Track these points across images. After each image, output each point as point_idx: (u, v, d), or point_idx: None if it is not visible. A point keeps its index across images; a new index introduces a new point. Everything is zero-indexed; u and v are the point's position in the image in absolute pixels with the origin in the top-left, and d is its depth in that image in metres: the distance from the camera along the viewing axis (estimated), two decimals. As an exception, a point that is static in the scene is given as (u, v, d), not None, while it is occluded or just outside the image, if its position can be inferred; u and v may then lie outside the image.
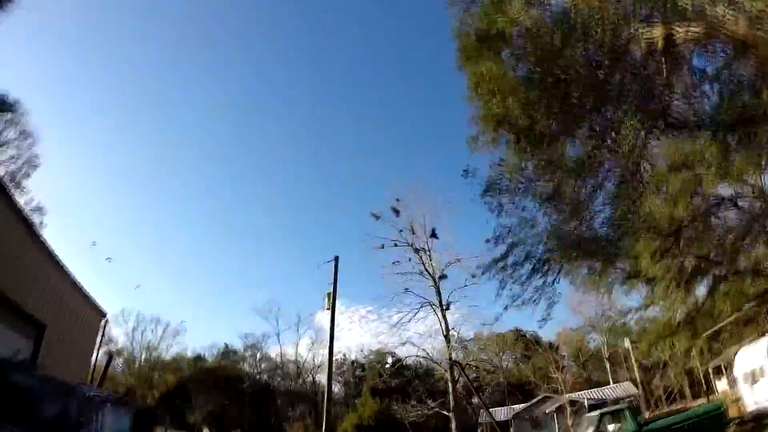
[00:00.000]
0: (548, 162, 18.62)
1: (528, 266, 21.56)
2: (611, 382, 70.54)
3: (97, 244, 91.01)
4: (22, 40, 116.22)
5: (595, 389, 62.14)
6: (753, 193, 20.81)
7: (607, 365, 76.02)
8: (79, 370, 24.11)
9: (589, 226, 20.23)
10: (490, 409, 67.00)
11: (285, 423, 76.49)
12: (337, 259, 26.32)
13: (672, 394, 56.64)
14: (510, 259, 21.66)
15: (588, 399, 53.59)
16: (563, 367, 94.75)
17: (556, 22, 15.09)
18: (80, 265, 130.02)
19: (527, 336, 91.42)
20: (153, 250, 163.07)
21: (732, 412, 24.48)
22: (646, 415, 50.15)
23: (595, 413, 19.85)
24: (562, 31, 14.80)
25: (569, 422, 52.48)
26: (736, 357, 23.71)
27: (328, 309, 25.15)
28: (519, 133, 17.72)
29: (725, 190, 21.07)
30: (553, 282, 21.86)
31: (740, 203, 21.91)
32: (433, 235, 42.12)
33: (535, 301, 21.79)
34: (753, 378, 21.83)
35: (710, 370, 50.40)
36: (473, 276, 36.56)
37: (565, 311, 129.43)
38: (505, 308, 22.50)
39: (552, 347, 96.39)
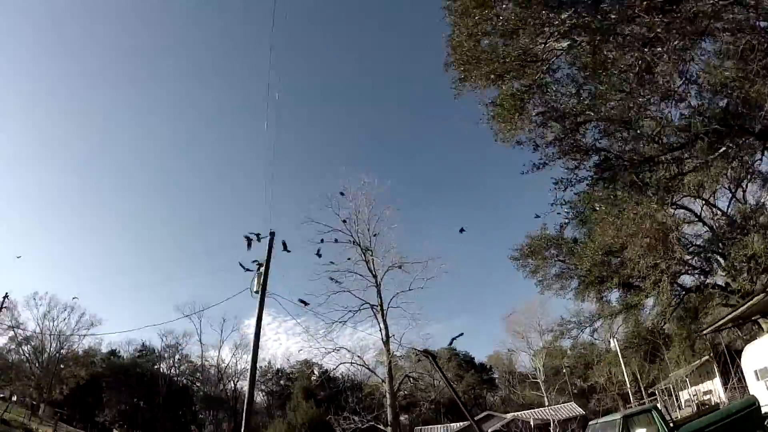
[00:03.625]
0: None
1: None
2: (547, 403, 69.23)
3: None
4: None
5: (537, 409, 59.98)
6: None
7: (542, 387, 74.88)
8: None
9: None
10: (427, 427, 64.13)
11: (202, 428, 70.94)
12: (272, 234, 22.44)
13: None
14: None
15: (534, 419, 51.34)
16: (496, 387, 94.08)
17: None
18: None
19: (460, 355, 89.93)
20: (72, 236, 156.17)
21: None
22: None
23: (613, 417, 16.92)
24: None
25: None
26: (745, 352, 21.14)
27: (257, 292, 21.15)
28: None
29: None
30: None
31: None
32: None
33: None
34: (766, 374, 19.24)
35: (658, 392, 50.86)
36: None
37: (500, 333, 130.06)
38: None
39: (484, 368, 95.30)
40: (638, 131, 17.63)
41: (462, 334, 33.02)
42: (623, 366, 51.38)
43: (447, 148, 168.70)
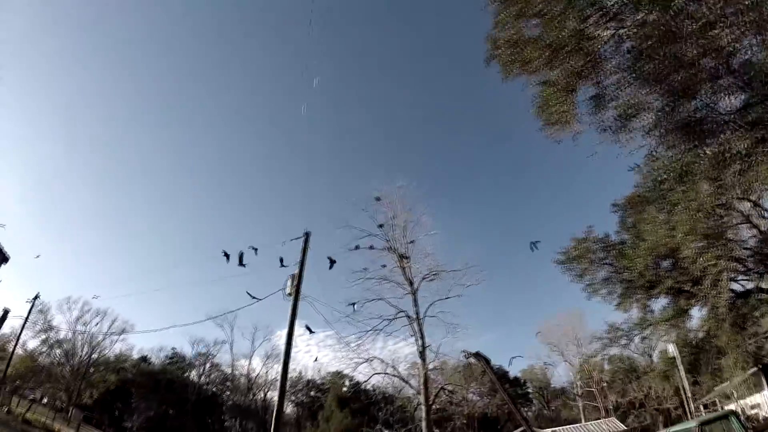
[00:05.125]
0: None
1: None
2: (583, 419, 67.06)
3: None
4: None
5: (576, 425, 57.92)
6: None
7: (580, 403, 72.68)
8: None
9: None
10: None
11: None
12: (307, 235, 21.26)
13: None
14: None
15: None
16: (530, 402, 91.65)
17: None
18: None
19: (493, 369, 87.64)
20: (109, 241, 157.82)
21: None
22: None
23: (687, 425, 15.53)
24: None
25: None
26: None
27: (290, 294, 19.94)
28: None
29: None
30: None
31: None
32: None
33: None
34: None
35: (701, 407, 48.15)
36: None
37: (534, 347, 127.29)
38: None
39: (518, 382, 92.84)
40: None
41: (520, 357, 31.81)
42: (683, 375, 48.60)
43: (485, 155, 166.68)
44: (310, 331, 24.09)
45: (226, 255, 22.27)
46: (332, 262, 24.58)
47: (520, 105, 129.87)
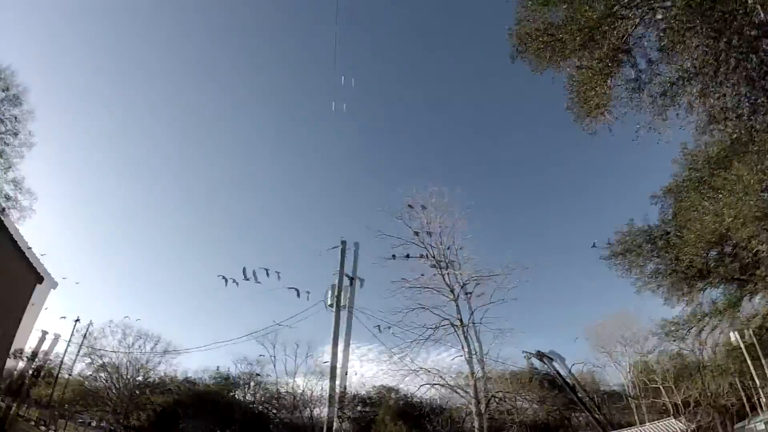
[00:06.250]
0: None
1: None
2: (637, 421, 65.71)
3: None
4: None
5: (634, 428, 56.37)
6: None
7: (632, 404, 71.99)
8: None
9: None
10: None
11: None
12: (344, 243, 20.87)
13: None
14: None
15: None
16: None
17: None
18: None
19: (541, 373, 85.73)
20: (148, 266, 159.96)
21: None
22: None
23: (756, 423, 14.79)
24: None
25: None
26: None
27: (331, 305, 19.48)
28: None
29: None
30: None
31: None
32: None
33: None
34: None
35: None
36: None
37: (580, 350, 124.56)
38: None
39: (569, 386, 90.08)
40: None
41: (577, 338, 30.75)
42: (750, 364, 46.18)
43: (518, 153, 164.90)
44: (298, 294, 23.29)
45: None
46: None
47: (546, 102, 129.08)
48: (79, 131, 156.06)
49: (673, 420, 52.86)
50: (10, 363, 54.92)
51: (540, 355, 20.38)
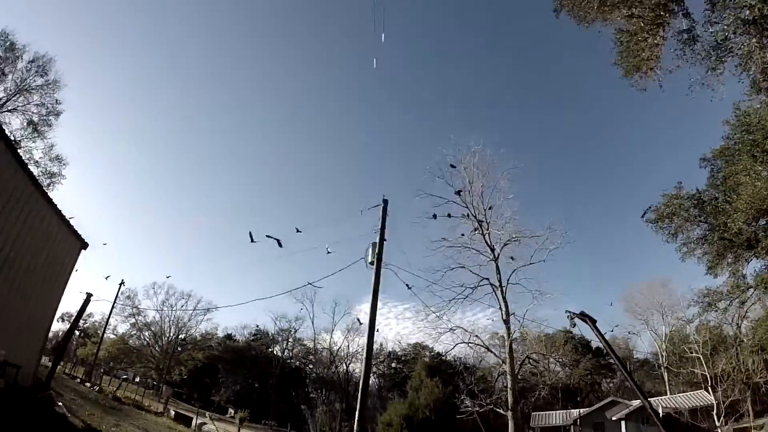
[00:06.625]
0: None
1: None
2: (668, 391, 65.23)
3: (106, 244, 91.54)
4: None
5: (664, 397, 55.91)
6: None
7: (665, 373, 70.40)
8: (43, 307, 20.44)
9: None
10: (543, 413, 61.09)
11: (314, 409, 71.09)
12: (386, 202, 20.78)
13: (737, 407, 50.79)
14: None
15: (663, 407, 47.19)
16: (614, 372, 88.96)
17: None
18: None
19: (575, 338, 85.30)
20: (184, 224, 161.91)
21: None
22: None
23: None
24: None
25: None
26: None
27: (372, 263, 19.49)
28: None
29: None
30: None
31: None
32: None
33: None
34: None
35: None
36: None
37: (618, 315, 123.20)
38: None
39: (600, 352, 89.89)
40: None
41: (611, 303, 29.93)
42: None
43: (561, 108, 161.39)
44: (280, 245, 23.46)
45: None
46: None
47: (595, 60, 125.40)
48: (108, 93, 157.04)
49: (705, 392, 52.41)
50: (56, 325, 57.22)
51: (584, 316, 19.89)
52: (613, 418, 50.94)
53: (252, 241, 23.60)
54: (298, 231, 24.68)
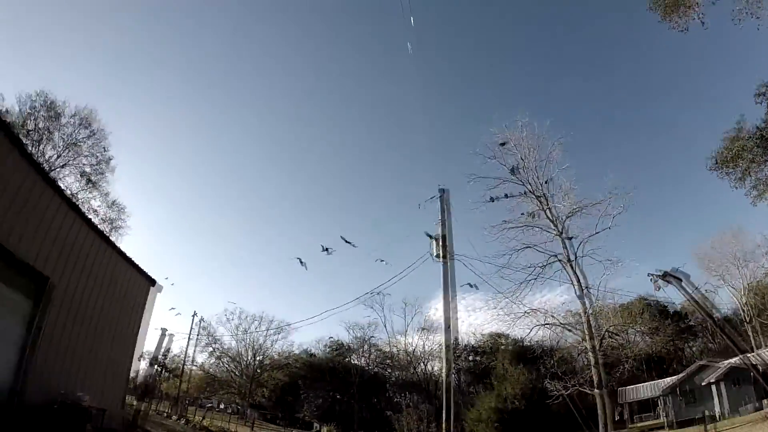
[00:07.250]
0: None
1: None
2: (754, 348, 62.25)
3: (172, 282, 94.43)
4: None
5: (759, 352, 53.69)
6: None
7: (749, 329, 66.83)
8: (122, 348, 20.80)
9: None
10: (630, 387, 59.65)
11: (398, 413, 71.08)
12: (443, 192, 20.63)
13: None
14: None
15: (762, 363, 45.04)
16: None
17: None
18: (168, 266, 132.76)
19: (652, 305, 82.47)
20: (252, 249, 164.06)
21: None
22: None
23: None
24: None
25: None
26: None
27: (437, 257, 19.36)
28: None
29: None
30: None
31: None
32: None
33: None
34: None
35: None
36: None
37: (692, 276, 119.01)
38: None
39: (680, 316, 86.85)
40: None
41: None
42: None
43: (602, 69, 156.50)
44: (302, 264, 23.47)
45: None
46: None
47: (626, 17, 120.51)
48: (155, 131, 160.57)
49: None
50: (136, 364, 59.56)
51: (669, 276, 18.94)
52: (703, 384, 49.27)
53: (302, 264, 23.84)
54: (351, 244, 24.71)
